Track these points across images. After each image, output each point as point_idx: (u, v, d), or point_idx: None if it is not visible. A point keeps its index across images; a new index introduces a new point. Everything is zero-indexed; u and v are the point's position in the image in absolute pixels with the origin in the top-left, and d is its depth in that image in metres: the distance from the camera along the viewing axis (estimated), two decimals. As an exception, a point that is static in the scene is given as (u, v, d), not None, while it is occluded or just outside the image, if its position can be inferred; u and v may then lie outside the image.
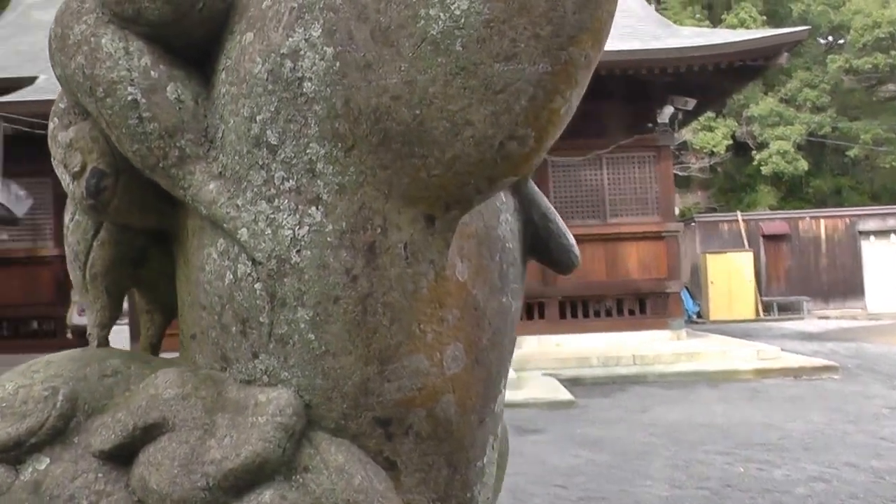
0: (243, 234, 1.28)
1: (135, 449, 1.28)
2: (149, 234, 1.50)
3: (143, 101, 1.30)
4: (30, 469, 1.27)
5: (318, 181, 1.24)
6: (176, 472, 1.23)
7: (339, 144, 1.23)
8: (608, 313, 13.42)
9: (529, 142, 1.19)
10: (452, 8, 1.13)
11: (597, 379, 11.14)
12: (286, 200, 1.26)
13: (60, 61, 1.35)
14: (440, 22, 1.13)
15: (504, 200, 1.49)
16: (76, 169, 1.40)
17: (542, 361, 12.33)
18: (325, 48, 1.21)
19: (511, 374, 11.34)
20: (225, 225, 1.29)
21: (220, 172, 1.32)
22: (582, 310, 13.88)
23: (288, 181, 1.26)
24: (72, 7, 1.35)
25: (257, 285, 1.27)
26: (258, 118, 1.26)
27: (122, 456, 1.29)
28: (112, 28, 1.32)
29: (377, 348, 1.26)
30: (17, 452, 1.27)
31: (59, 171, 1.43)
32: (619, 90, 12.15)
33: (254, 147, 1.27)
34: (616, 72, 11.58)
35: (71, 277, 1.54)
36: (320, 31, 1.21)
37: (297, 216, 1.25)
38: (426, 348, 1.29)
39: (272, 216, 1.26)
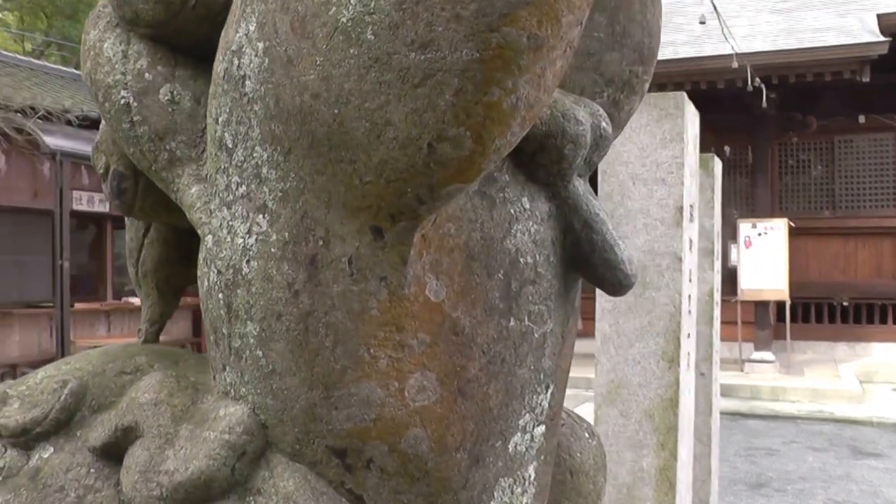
0: (209, 240, 1.23)
1: (121, 449, 1.30)
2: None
3: (135, 104, 1.30)
4: (36, 456, 1.34)
5: (264, 187, 1.15)
6: (136, 478, 1.23)
7: (279, 148, 1.12)
8: None
9: (466, 143, 0.99)
10: None
11: (969, 401, 9.61)
12: (240, 207, 1.19)
13: (82, 67, 1.40)
14: (350, 7, 0.98)
15: (526, 207, 1.28)
16: (101, 171, 1.46)
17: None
18: (257, 43, 1.11)
19: (854, 385, 10.23)
20: (199, 230, 1.26)
21: (206, 175, 1.28)
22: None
23: (241, 186, 1.18)
24: (95, 12, 1.40)
25: (220, 295, 1.22)
26: (220, 120, 1.20)
27: (117, 454, 1.31)
28: (117, 32, 1.34)
29: (320, 372, 1.15)
30: (25, 439, 1.34)
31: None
32: None
33: (218, 150, 1.22)
34: None
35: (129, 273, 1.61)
36: (255, 24, 1.12)
37: (248, 224, 1.18)
38: (379, 376, 1.15)
39: (231, 223, 1.20)
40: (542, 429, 1.35)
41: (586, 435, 1.66)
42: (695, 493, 4.01)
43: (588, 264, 1.33)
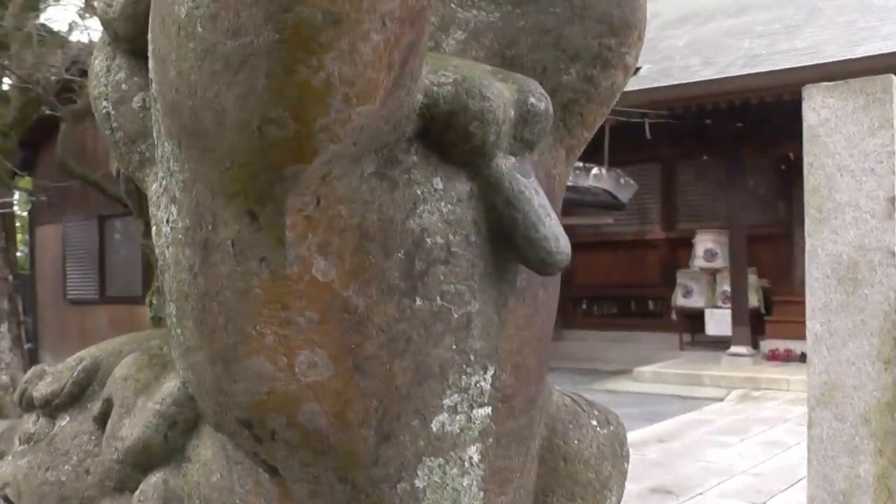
0: (153, 231, 1.36)
1: (112, 419, 1.46)
2: None
3: (113, 112, 1.46)
4: (57, 424, 1.55)
5: (173, 179, 1.26)
6: (105, 444, 1.39)
7: (175, 141, 1.22)
8: None
9: (288, 123, 1.03)
10: None
11: None
12: (164, 199, 1.30)
13: None
14: (185, 4, 1.05)
15: (437, 187, 1.26)
16: (115, 174, 1.64)
17: None
18: (150, 45, 1.22)
19: None
20: (153, 224, 1.39)
21: None
22: None
23: (164, 179, 1.30)
24: (101, 35, 1.58)
25: (160, 279, 1.34)
26: (154, 120, 1.33)
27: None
28: (107, 50, 1.51)
29: (218, 348, 1.23)
30: (48, 409, 1.55)
31: None
32: None
33: (155, 148, 1.34)
34: None
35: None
36: (151, 27, 1.22)
37: (167, 213, 1.29)
38: (267, 351, 1.20)
39: (162, 215, 1.32)
40: (485, 410, 1.33)
41: (593, 423, 1.58)
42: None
43: (511, 243, 1.29)
